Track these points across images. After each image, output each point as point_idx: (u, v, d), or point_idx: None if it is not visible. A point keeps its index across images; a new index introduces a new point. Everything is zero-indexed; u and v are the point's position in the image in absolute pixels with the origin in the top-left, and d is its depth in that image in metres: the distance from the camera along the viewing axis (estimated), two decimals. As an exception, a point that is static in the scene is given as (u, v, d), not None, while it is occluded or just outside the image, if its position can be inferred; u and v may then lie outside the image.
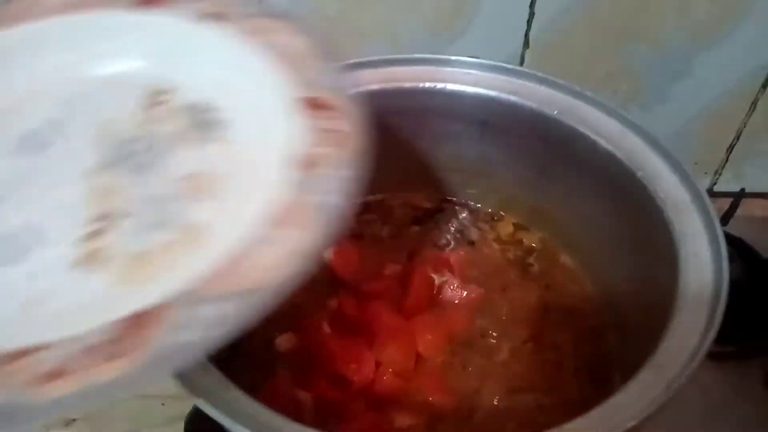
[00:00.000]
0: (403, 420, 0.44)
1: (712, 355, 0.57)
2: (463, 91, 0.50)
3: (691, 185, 0.41)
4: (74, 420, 0.60)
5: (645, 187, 0.42)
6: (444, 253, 0.54)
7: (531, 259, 0.53)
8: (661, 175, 0.42)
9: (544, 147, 0.50)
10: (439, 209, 0.58)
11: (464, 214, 0.57)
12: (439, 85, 0.51)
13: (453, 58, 0.51)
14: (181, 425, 0.43)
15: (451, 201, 0.58)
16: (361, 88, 0.50)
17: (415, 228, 0.57)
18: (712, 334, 0.33)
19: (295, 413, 0.34)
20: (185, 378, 0.31)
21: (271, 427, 0.29)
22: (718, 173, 0.78)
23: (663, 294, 0.38)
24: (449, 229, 0.56)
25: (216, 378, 0.31)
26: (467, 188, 0.57)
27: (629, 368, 0.36)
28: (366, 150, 0.32)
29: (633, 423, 0.28)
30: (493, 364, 0.46)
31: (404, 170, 0.57)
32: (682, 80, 0.69)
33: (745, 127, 0.73)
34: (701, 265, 0.37)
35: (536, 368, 0.46)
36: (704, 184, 0.78)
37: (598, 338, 0.47)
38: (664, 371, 0.31)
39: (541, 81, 0.49)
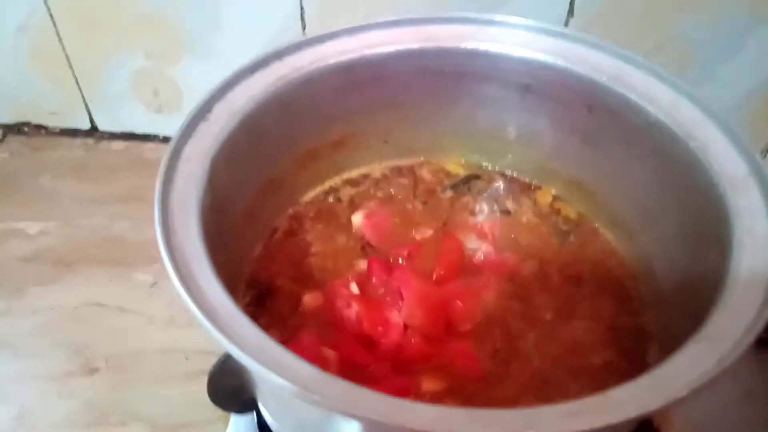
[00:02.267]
0: (429, 384, 0.43)
1: None
2: (506, 54, 0.48)
3: (749, 157, 0.38)
4: (98, 370, 0.61)
5: (698, 159, 0.40)
6: (478, 220, 0.53)
7: (569, 231, 0.52)
8: (716, 146, 0.40)
9: (589, 115, 0.48)
10: (475, 176, 0.56)
11: (501, 183, 0.55)
12: (482, 47, 0.49)
13: (497, 18, 0.49)
14: (204, 379, 0.43)
15: (487, 169, 0.56)
16: (400, 47, 0.49)
17: (449, 194, 0.55)
18: None
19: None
20: (219, 325, 0.30)
21: (308, 378, 0.28)
22: (764, 156, 0.75)
23: (712, 272, 0.36)
24: (484, 197, 0.55)
25: (248, 327, 0.31)
26: (505, 156, 0.55)
27: (667, 345, 0.35)
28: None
29: (682, 394, 0.27)
30: (524, 333, 0.45)
31: (440, 134, 0.55)
32: (734, 57, 0.66)
33: (796, 111, 0.70)
34: (756, 241, 0.35)
35: (568, 338, 0.44)
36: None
37: (635, 314, 0.46)
38: (716, 345, 0.30)
39: (591, 45, 0.47)
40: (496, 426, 0.25)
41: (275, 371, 0.28)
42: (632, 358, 0.43)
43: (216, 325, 0.30)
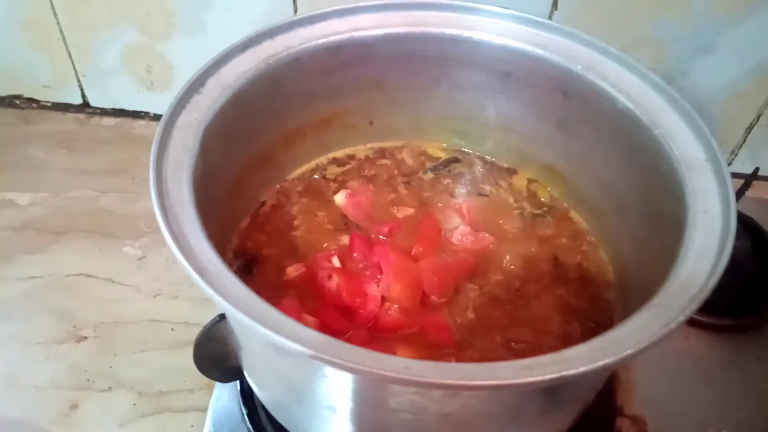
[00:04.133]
0: (404, 353, 0.45)
1: (710, 327, 0.60)
2: (488, 41, 0.51)
3: (707, 143, 0.41)
4: (86, 338, 0.62)
5: (661, 146, 0.43)
6: (456, 201, 0.55)
7: (542, 214, 0.54)
8: (678, 133, 0.43)
9: (564, 102, 0.50)
10: (455, 159, 0.58)
11: (479, 166, 0.58)
12: (466, 33, 0.51)
13: (481, 6, 0.51)
14: (189, 350, 0.44)
15: (466, 153, 0.59)
16: (387, 30, 0.51)
17: (429, 176, 0.57)
18: (713, 283, 0.34)
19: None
20: (210, 282, 0.32)
21: (290, 329, 0.30)
22: (734, 153, 0.78)
23: (668, 249, 0.38)
24: (463, 179, 0.57)
25: (237, 285, 0.33)
26: (484, 141, 0.58)
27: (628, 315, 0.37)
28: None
29: (628, 352, 0.29)
30: (496, 306, 0.48)
31: (422, 117, 0.57)
32: (707, 55, 0.69)
33: (766, 108, 0.73)
34: (709, 221, 0.38)
35: (537, 313, 0.47)
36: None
37: (601, 290, 0.49)
38: (663, 312, 0.32)
39: (568, 35, 0.49)
40: (459, 373, 0.28)
41: (262, 323, 0.30)
42: (597, 329, 0.46)
43: (208, 281, 0.32)
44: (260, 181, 0.53)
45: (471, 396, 0.32)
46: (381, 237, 0.52)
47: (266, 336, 0.30)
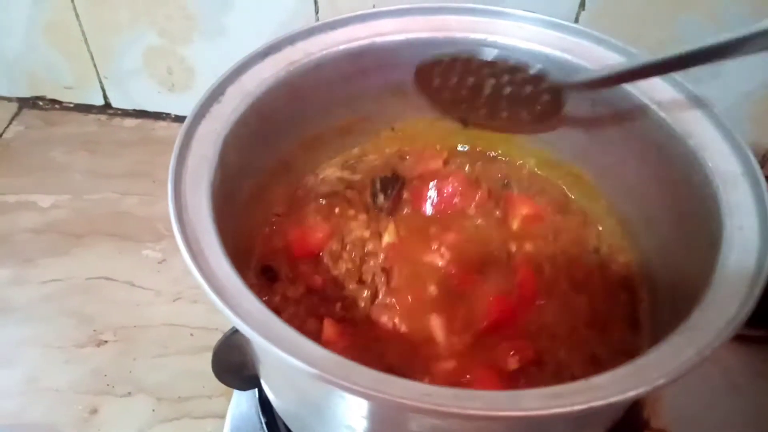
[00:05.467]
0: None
1: (738, 338, 0.57)
2: (514, 46, 0.49)
3: (743, 156, 0.39)
4: (106, 341, 0.63)
5: (694, 156, 0.41)
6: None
7: (568, 222, 0.53)
8: (713, 144, 0.41)
9: (592, 109, 0.49)
10: (480, 163, 0.57)
11: (504, 172, 0.56)
12: (491, 38, 0.49)
13: (507, 10, 0.50)
14: (208, 355, 0.44)
15: (492, 157, 0.57)
16: (410, 35, 0.50)
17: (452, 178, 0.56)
18: (750, 306, 0.32)
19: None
20: (226, 300, 0.31)
21: (308, 352, 0.29)
22: (765, 156, 0.75)
23: (702, 267, 0.37)
24: (489, 184, 0.55)
25: (254, 303, 0.32)
26: (509, 146, 0.56)
27: (657, 335, 0.36)
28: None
29: (660, 382, 0.28)
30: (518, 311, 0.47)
31: (446, 122, 0.56)
32: (739, 56, 0.67)
33: (798, 110, 0.70)
34: (746, 238, 0.36)
35: (559, 322, 0.46)
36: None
37: (628, 304, 0.47)
38: (697, 336, 0.31)
39: (597, 40, 0.47)
40: (482, 402, 0.27)
41: (277, 345, 0.29)
42: (622, 346, 0.44)
43: (224, 300, 0.31)
44: (280, 188, 0.52)
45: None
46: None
47: (281, 358, 0.29)
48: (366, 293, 0.47)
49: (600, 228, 0.52)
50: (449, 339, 0.44)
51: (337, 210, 0.53)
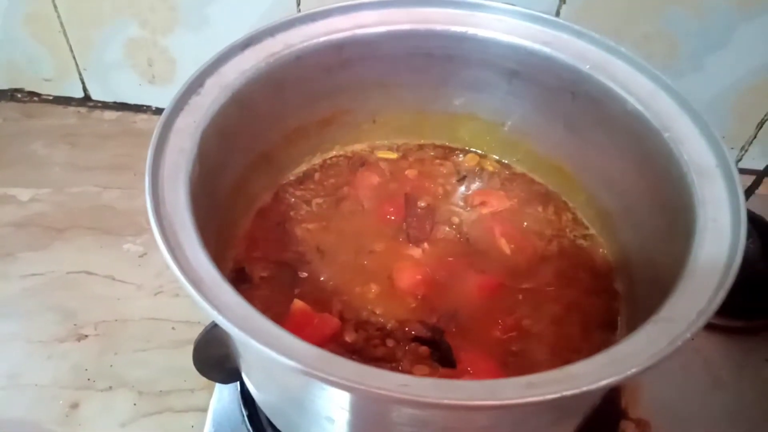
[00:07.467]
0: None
1: (719, 329, 0.59)
2: (494, 39, 0.49)
3: (718, 149, 0.40)
4: (86, 336, 0.62)
5: (671, 149, 0.42)
6: (461, 199, 0.54)
7: (548, 214, 0.53)
8: (689, 137, 0.41)
9: (572, 102, 0.49)
10: (460, 158, 0.57)
11: (484, 166, 0.56)
12: (471, 31, 0.50)
13: (488, 3, 0.50)
14: (189, 349, 0.44)
15: (472, 151, 0.58)
16: (391, 27, 0.49)
17: (436, 175, 0.56)
18: (721, 297, 0.33)
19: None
20: (205, 294, 0.31)
21: (286, 345, 0.29)
22: (744, 149, 0.76)
23: (676, 259, 0.37)
24: (468, 178, 0.56)
25: (233, 297, 0.32)
26: (490, 139, 0.56)
27: (632, 326, 0.37)
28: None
29: (633, 371, 0.29)
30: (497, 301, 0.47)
31: (427, 115, 0.56)
32: (720, 50, 0.68)
33: (779, 104, 0.71)
34: (719, 230, 0.37)
35: (537, 312, 0.46)
36: (730, 158, 0.77)
37: (605, 295, 0.48)
38: (670, 327, 0.31)
39: (577, 34, 0.48)
40: (460, 392, 0.27)
41: (256, 338, 0.29)
42: (599, 334, 0.45)
43: (202, 294, 0.31)
44: (261, 181, 0.52)
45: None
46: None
47: (260, 351, 0.29)
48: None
49: (580, 220, 0.52)
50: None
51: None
